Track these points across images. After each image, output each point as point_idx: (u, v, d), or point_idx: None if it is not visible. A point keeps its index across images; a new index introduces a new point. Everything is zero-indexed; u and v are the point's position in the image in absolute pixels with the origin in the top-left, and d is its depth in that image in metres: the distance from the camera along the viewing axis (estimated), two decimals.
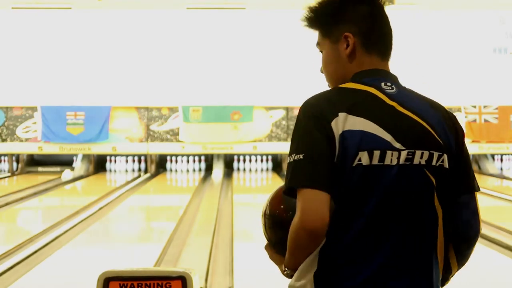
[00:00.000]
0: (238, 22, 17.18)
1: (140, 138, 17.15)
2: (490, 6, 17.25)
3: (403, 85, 2.25)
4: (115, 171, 17.44)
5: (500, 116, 17.28)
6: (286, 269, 2.14)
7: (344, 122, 2.04)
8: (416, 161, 2.07)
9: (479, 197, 2.26)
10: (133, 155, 17.40)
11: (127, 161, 17.48)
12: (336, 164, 2.03)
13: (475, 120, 17.27)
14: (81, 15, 17.12)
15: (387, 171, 2.05)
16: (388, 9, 2.28)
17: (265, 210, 2.28)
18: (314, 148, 2.03)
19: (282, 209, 2.23)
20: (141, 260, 7.52)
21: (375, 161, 2.04)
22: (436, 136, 2.11)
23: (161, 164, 17.64)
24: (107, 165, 17.47)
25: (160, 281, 2.61)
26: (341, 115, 2.05)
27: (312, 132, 2.04)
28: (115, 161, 17.51)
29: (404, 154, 2.07)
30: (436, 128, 2.12)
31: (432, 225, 2.11)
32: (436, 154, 2.10)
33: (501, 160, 17.85)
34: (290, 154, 2.07)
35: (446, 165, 2.11)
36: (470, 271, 7.17)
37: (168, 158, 17.57)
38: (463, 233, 2.20)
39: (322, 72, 2.29)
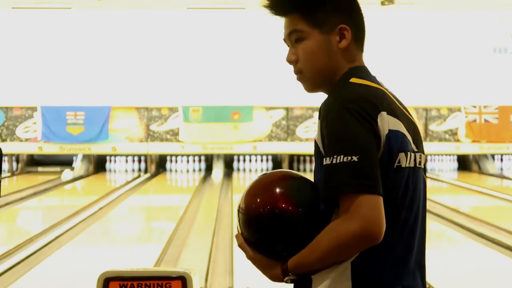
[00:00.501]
0: (238, 22, 17.18)
1: (140, 138, 17.15)
2: (490, 6, 17.24)
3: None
4: (115, 171, 17.43)
5: (500, 116, 17.27)
6: (290, 274, 1.99)
7: (388, 122, 1.95)
8: (422, 163, 2.08)
9: (479, 197, 2.28)
10: (133, 155, 17.40)
11: (127, 161, 17.47)
12: (380, 165, 1.93)
13: (475, 120, 17.26)
14: (81, 15, 17.12)
15: (411, 173, 2.01)
16: (388, 9, 2.26)
17: (240, 204, 2.05)
18: (367, 148, 1.90)
19: (260, 204, 1.98)
20: (141, 260, 7.51)
21: (408, 163, 1.99)
22: (421, 138, 2.12)
23: (161, 164, 17.64)
24: (107, 165, 17.47)
25: (160, 281, 2.61)
26: (384, 114, 1.94)
27: (361, 131, 1.90)
28: (115, 161, 17.50)
29: (417, 156, 2.05)
30: (419, 130, 2.13)
31: (425, 225, 2.14)
32: (425, 157, 2.12)
33: (501, 160, 17.85)
34: (334, 155, 1.90)
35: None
36: (470, 271, 7.17)
37: (168, 158, 17.57)
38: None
39: (291, 63, 2.15)
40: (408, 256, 2.01)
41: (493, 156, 17.79)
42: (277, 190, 2.00)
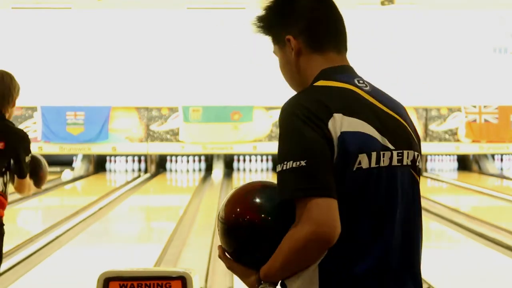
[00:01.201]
0: (238, 22, 17.18)
1: (140, 138, 17.15)
2: (490, 6, 17.25)
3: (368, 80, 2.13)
4: (115, 171, 17.43)
5: (500, 116, 17.28)
6: (263, 282, 1.98)
7: (341, 123, 1.92)
8: (405, 161, 2.02)
9: (479, 197, 2.27)
10: (133, 155, 17.40)
11: (127, 161, 17.47)
12: (335, 168, 1.91)
13: (475, 120, 17.26)
14: (81, 15, 17.12)
15: (383, 173, 1.97)
16: (388, 9, 2.25)
17: (219, 214, 2.06)
18: (315, 152, 1.89)
19: (239, 213, 2.00)
20: (141, 260, 7.52)
21: (373, 164, 1.95)
22: (414, 136, 2.07)
23: (161, 164, 17.64)
24: (107, 165, 17.47)
25: (160, 281, 2.61)
26: (337, 115, 1.93)
27: (309, 135, 1.91)
28: (115, 161, 17.51)
29: (395, 154, 1.99)
30: (413, 129, 2.08)
31: (420, 223, 2.08)
32: (416, 154, 2.06)
33: (501, 160, 17.85)
34: (284, 161, 1.91)
35: (420, 165, 2.09)
36: (470, 271, 7.17)
37: (168, 158, 17.57)
38: None
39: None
40: (384, 258, 1.98)
41: (493, 156, 17.79)
42: (253, 200, 2.03)
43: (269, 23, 2.19)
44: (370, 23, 17.03)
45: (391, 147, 1.98)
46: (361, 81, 2.05)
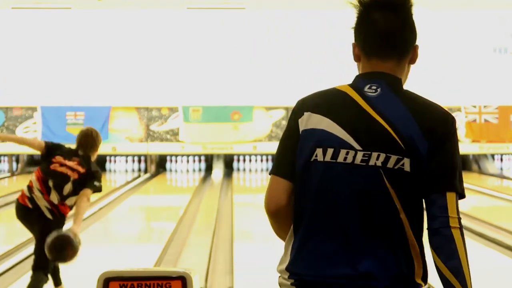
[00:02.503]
0: (238, 22, 17.18)
1: (140, 138, 17.15)
2: (490, 6, 17.25)
3: (411, 88, 2.28)
4: (115, 171, 17.44)
5: (500, 116, 17.28)
6: None
7: (307, 121, 2.23)
8: (371, 162, 2.17)
9: (479, 197, 2.27)
10: (133, 155, 17.40)
11: (127, 161, 17.48)
12: (299, 157, 2.22)
13: (475, 120, 17.27)
14: (81, 15, 17.12)
15: (340, 168, 2.18)
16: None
17: None
18: (285, 141, 2.27)
19: None
20: (141, 260, 7.52)
21: (328, 158, 2.19)
22: (398, 140, 2.17)
23: (161, 164, 17.64)
24: (107, 165, 17.47)
25: (160, 281, 2.61)
26: (306, 114, 2.23)
27: (288, 127, 2.28)
28: (115, 161, 17.51)
29: (360, 154, 2.18)
30: (402, 133, 2.17)
31: (391, 222, 2.17)
32: (394, 158, 2.17)
33: (501, 160, 17.85)
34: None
35: (407, 168, 2.17)
36: (470, 271, 7.18)
37: (168, 158, 17.57)
38: (429, 226, 2.20)
39: None
40: (323, 242, 2.19)
41: (493, 156, 17.79)
42: None
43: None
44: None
45: (358, 147, 2.18)
46: (373, 87, 2.25)
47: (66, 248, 5.63)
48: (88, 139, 6.15)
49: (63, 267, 6.10)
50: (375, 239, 2.17)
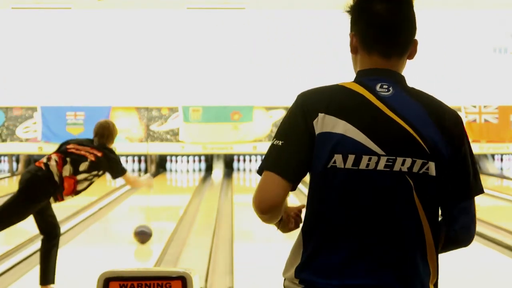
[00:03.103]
0: (238, 22, 17.18)
1: (140, 138, 17.15)
2: (490, 6, 17.25)
3: (410, 85, 2.19)
4: None
5: (500, 116, 17.28)
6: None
7: (322, 123, 2.07)
8: (396, 167, 2.07)
9: (479, 197, 2.25)
10: (133, 155, 17.40)
11: (127, 161, 17.47)
12: (314, 162, 2.09)
13: (475, 120, 17.27)
14: (81, 15, 17.12)
15: (363, 176, 2.06)
16: None
17: None
18: (293, 139, 2.09)
19: None
20: (141, 260, 7.52)
21: (349, 165, 2.06)
22: (422, 143, 2.08)
23: (161, 164, 17.64)
24: None
25: (160, 281, 2.61)
26: (321, 115, 2.08)
27: (297, 123, 2.10)
28: None
29: (383, 159, 2.06)
30: (424, 136, 2.09)
31: (412, 231, 2.10)
32: (419, 162, 2.08)
33: (501, 160, 17.85)
34: (273, 137, 2.15)
35: (433, 172, 2.09)
36: (470, 271, 7.17)
37: (168, 158, 17.56)
38: (461, 237, 2.19)
39: None
40: (340, 252, 2.09)
41: (493, 156, 17.79)
42: None
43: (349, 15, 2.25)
44: None
45: (381, 152, 2.06)
46: (384, 86, 2.13)
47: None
48: (105, 130, 6.36)
49: (64, 267, 6.10)
50: (396, 249, 2.08)
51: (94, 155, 6.13)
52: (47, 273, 6.12)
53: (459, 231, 2.17)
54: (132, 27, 17.15)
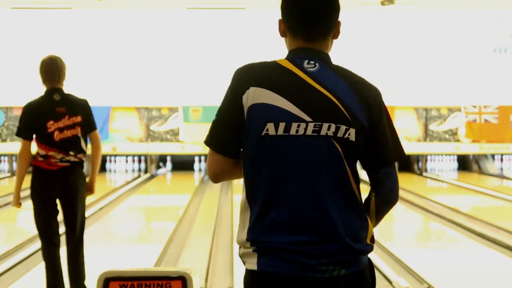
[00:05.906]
0: (238, 22, 17.19)
1: (140, 138, 17.15)
2: (490, 6, 17.25)
3: (336, 64, 2.40)
4: (115, 171, 17.43)
5: (500, 116, 17.28)
6: None
7: (254, 96, 2.32)
8: (323, 132, 2.29)
9: (479, 197, 2.31)
10: (133, 155, 17.40)
11: (127, 161, 17.47)
12: (246, 133, 2.32)
13: (475, 120, 17.27)
14: (81, 15, 17.12)
15: (293, 141, 2.28)
16: (388, 9, 2.33)
17: None
18: (225, 114, 2.37)
19: None
20: (141, 260, 7.52)
21: (281, 132, 2.28)
22: (344, 111, 2.30)
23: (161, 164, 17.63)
24: (107, 165, 17.47)
25: (160, 281, 2.61)
26: (252, 89, 2.33)
27: (228, 99, 2.37)
28: (115, 161, 17.50)
29: (311, 125, 2.29)
30: (346, 104, 2.31)
31: (346, 189, 2.32)
32: (343, 128, 2.30)
33: (501, 160, 17.85)
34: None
35: (353, 138, 2.31)
36: (470, 271, 7.18)
37: (168, 158, 17.56)
38: (387, 198, 2.42)
39: None
40: (276, 211, 2.29)
41: (493, 156, 17.79)
42: None
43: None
44: (370, 23, 17.02)
45: (308, 119, 2.29)
46: (311, 62, 2.37)
47: None
48: (55, 70, 6.04)
49: (63, 268, 6.09)
50: (336, 205, 2.29)
51: (78, 124, 5.97)
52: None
53: (385, 192, 2.41)
54: (132, 27, 17.15)
